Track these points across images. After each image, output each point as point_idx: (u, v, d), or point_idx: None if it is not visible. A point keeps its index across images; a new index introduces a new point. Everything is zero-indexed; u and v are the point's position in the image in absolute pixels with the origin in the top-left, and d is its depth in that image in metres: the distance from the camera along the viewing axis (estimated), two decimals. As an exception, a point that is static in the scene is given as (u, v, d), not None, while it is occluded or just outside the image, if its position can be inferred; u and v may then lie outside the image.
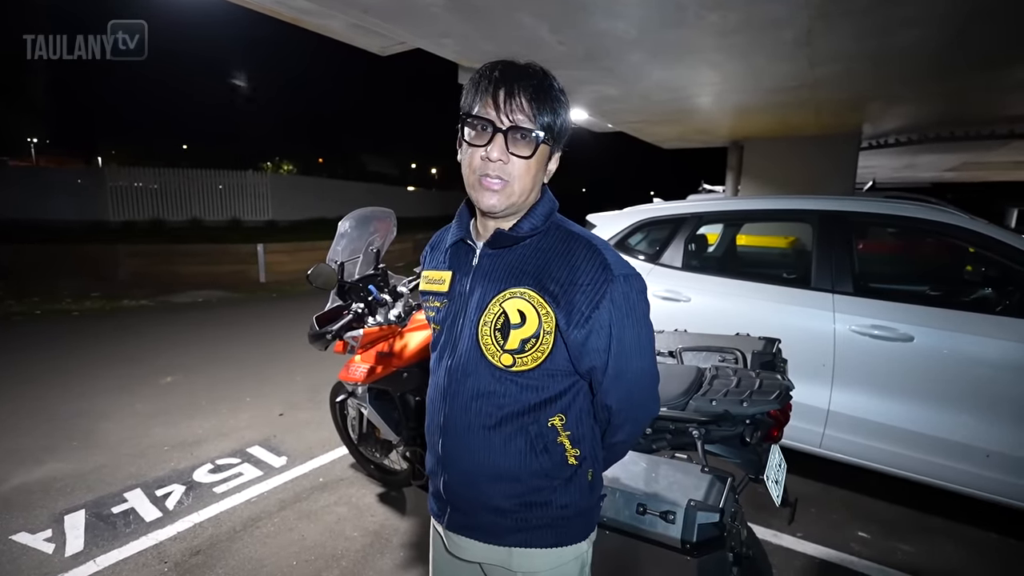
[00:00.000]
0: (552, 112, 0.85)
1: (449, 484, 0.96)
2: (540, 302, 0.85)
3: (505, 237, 0.90)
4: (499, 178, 0.85)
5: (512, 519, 0.91)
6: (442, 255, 1.01)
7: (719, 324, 2.63)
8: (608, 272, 0.84)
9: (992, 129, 6.40)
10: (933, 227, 2.54)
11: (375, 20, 3.13)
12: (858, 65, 3.83)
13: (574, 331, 0.85)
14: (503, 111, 0.83)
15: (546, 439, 0.89)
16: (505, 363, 0.87)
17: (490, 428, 0.90)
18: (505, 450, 0.89)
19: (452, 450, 0.94)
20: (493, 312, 0.88)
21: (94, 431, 3.34)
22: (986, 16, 2.97)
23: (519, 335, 0.86)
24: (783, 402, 1.37)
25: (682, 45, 3.46)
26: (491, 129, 0.83)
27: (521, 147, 0.84)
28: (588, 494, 0.94)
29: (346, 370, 2.35)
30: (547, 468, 0.90)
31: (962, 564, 2.21)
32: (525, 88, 0.83)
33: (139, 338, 5.67)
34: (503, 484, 0.90)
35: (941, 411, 2.28)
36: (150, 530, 2.36)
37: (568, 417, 0.91)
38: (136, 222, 12.55)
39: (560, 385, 0.90)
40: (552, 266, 0.87)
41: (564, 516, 0.92)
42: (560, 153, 0.92)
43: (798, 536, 2.33)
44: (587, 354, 0.87)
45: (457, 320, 0.93)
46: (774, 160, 7.13)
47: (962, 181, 15.71)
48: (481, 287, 0.91)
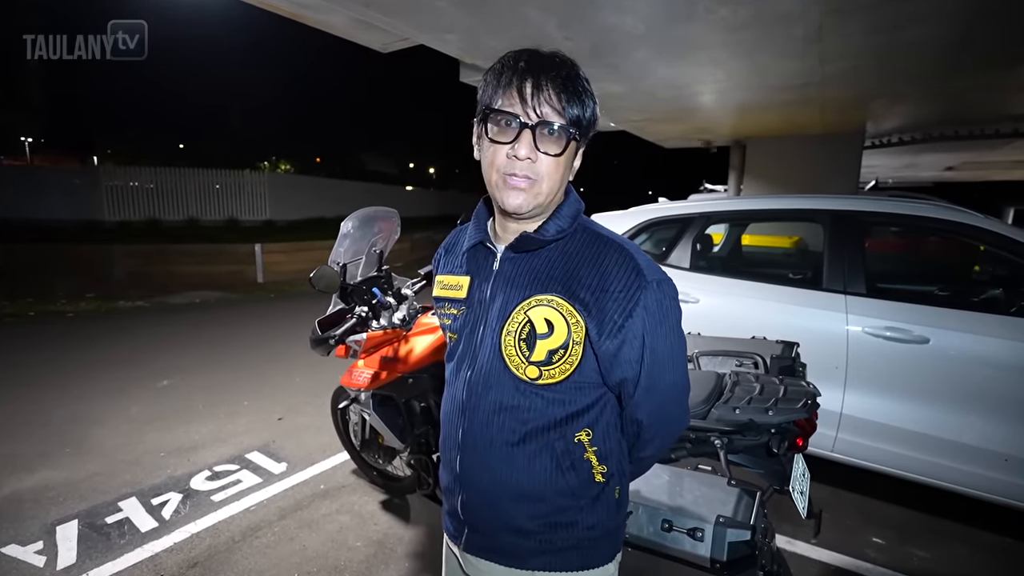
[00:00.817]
0: (581, 105, 0.78)
1: (468, 504, 0.90)
2: (570, 310, 0.79)
3: (531, 240, 0.84)
4: (527, 177, 0.78)
5: (536, 541, 0.85)
6: (458, 259, 0.94)
7: (729, 326, 2.57)
8: (641, 278, 0.79)
9: (996, 128, 6.37)
10: (949, 227, 2.49)
11: (377, 15, 3.07)
12: (865, 62, 3.78)
13: (606, 341, 0.79)
14: (530, 104, 0.76)
15: (573, 456, 0.84)
16: (531, 376, 0.81)
17: (513, 445, 0.84)
18: (529, 468, 0.83)
19: (471, 468, 0.88)
20: (518, 321, 0.82)
21: (88, 437, 3.26)
22: (993, 15, 2.94)
23: (546, 345, 0.80)
24: (810, 411, 1.31)
25: (689, 41, 3.41)
26: (518, 124, 0.76)
27: (551, 144, 0.77)
28: (615, 513, 0.89)
29: (349, 375, 2.28)
30: (574, 487, 0.84)
31: (978, 569, 2.17)
32: (553, 80, 0.76)
33: (135, 340, 5.59)
34: (527, 504, 0.84)
35: (959, 415, 2.23)
36: (145, 541, 2.28)
37: (595, 432, 0.85)
38: (132, 222, 12.45)
39: (588, 398, 0.84)
40: (581, 271, 0.81)
41: (591, 537, 0.86)
42: (584, 148, 0.85)
43: (812, 543, 2.28)
44: (619, 366, 0.81)
45: (477, 329, 0.87)
46: (777, 159, 7.09)
47: (961, 180, 15.75)
48: (504, 294, 0.85)
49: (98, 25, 5.58)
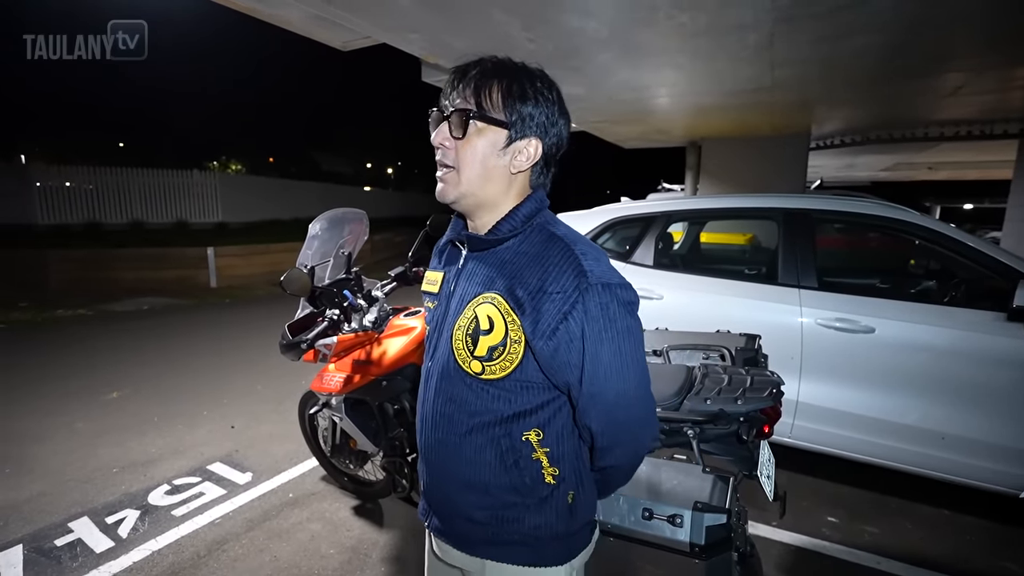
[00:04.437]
0: (503, 95, 0.80)
1: (429, 488, 0.95)
2: (507, 309, 0.80)
3: (478, 240, 0.86)
4: (445, 165, 0.83)
5: (485, 530, 0.88)
6: (439, 255, 0.99)
7: (693, 321, 2.67)
8: (582, 279, 0.76)
9: (925, 132, 6.88)
10: (890, 224, 2.66)
11: (338, 12, 3.00)
12: (810, 69, 4.01)
13: (539, 342, 0.78)
14: (449, 97, 0.82)
15: (518, 453, 0.84)
16: (475, 370, 0.83)
17: (461, 435, 0.86)
18: (475, 459, 0.86)
19: (431, 455, 0.92)
20: (467, 317, 0.84)
21: (29, 455, 3.04)
22: (921, 28, 3.18)
23: (487, 342, 0.81)
24: (776, 399, 1.39)
25: (650, 46, 3.51)
26: (439, 116, 0.83)
27: (457, 129, 0.81)
28: (568, 518, 0.88)
29: (319, 380, 2.23)
30: (517, 484, 0.85)
31: (920, 540, 2.34)
32: (476, 75, 0.81)
33: (77, 350, 5.24)
34: (473, 494, 0.87)
35: (902, 398, 2.40)
36: (101, 562, 2.15)
37: (547, 433, 0.85)
38: (70, 225, 11.58)
39: (537, 398, 0.84)
40: (525, 271, 0.81)
41: (537, 537, 0.87)
42: (537, 144, 0.84)
43: (773, 525, 2.40)
44: (559, 368, 0.80)
45: (440, 323, 0.91)
46: (731, 159, 7.40)
47: (894, 180, 16.93)
48: (461, 290, 0.88)
49: (98, 25, 5.45)
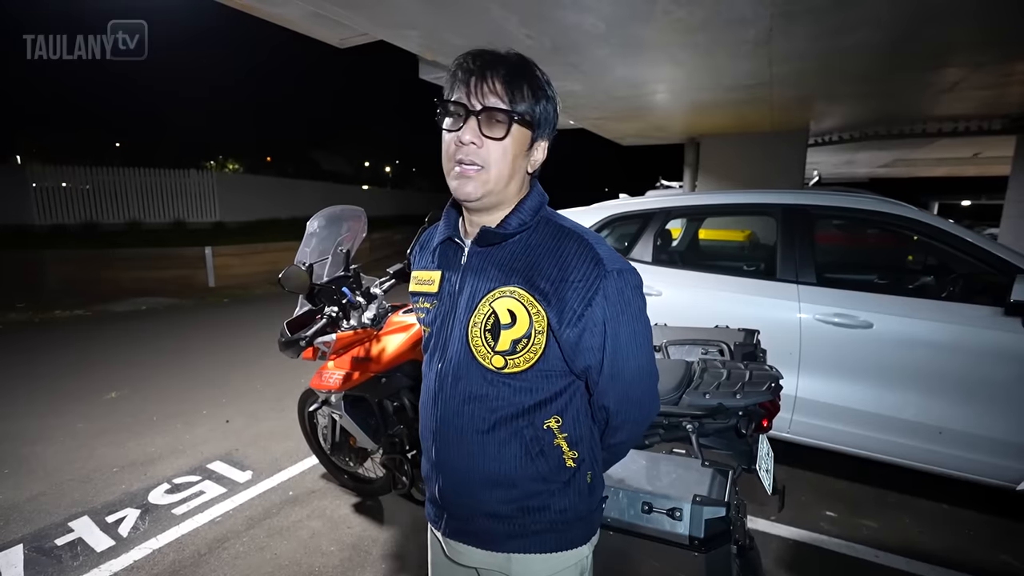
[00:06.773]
0: (530, 96, 0.82)
1: (444, 490, 0.93)
2: (531, 301, 0.82)
3: (492, 235, 0.86)
4: (473, 164, 0.82)
5: (510, 525, 0.88)
6: (431, 254, 0.98)
7: (692, 317, 2.67)
8: (600, 267, 0.81)
9: (923, 128, 6.88)
10: (889, 219, 2.65)
11: (336, 8, 2.99)
12: (809, 64, 4.01)
13: (567, 330, 0.82)
14: (475, 95, 0.80)
15: (542, 442, 0.86)
16: (496, 365, 0.84)
17: (483, 432, 0.86)
18: (500, 455, 0.86)
19: (446, 456, 0.91)
20: (483, 312, 0.84)
21: (28, 456, 3.04)
22: (922, 24, 3.17)
23: (510, 336, 0.83)
24: (774, 393, 1.40)
25: (648, 41, 3.51)
26: (464, 112, 0.81)
27: (494, 128, 0.81)
28: (587, 497, 0.92)
29: (318, 377, 2.23)
30: (544, 472, 0.87)
31: (918, 534, 2.34)
32: (498, 71, 0.81)
33: (75, 351, 5.24)
34: (499, 490, 0.87)
35: (900, 393, 2.40)
36: (102, 561, 2.16)
37: (565, 418, 0.88)
38: (66, 225, 11.54)
39: (555, 386, 0.87)
40: (542, 263, 0.83)
41: (563, 520, 0.89)
42: (547, 143, 0.88)
43: (772, 519, 2.41)
44: (582, 353, 0.84)
45: (447, 321, 0.90)
46: (729, 156, 7.40)
47: (893, 177, 16.95)
48: (471, 286, 0.87)
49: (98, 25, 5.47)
